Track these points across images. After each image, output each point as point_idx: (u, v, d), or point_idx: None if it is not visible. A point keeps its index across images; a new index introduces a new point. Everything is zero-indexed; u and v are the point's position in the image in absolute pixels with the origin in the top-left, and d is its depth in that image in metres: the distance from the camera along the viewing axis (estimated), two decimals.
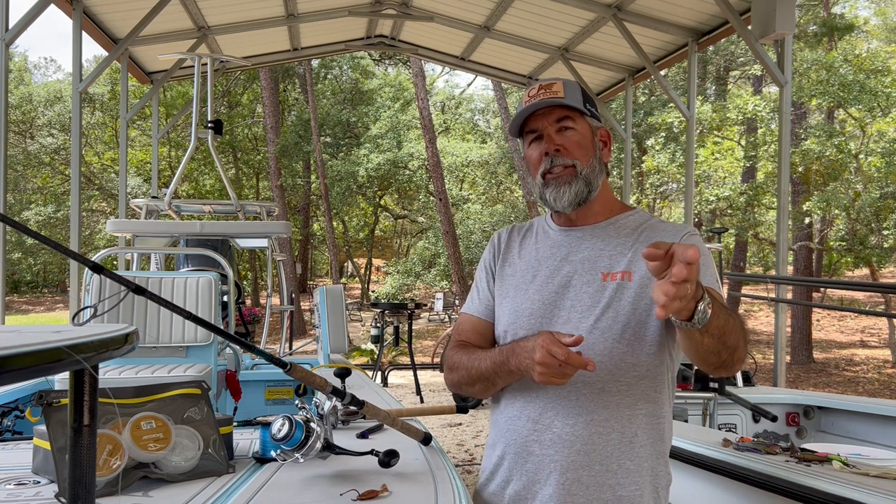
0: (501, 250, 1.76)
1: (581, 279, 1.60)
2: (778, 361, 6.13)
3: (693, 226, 1.74)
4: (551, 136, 1.62)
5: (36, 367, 0.76)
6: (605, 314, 1.55)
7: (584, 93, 1.67)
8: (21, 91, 25.23)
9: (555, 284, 1.62)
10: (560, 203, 1.62)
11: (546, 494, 1.56)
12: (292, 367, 1.49)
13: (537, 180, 1.65)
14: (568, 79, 1.68)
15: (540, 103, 1.61)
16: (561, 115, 1.62)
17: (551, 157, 1.61)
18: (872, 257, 13.04)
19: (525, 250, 1.73)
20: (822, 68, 12.41)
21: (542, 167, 1.63)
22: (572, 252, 1.65)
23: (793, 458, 2.16)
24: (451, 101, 30.30)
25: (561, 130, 1.63)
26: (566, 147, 1.62)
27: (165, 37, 8.55)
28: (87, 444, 0.91)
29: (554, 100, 1.61)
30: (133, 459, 1.56)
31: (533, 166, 1.66)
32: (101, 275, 1.25)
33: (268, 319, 6.43)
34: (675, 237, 1.60)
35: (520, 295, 1.66)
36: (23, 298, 28.59)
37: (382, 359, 11.96)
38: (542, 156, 1.63)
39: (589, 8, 7.89)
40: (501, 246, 1.77)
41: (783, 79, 6.38)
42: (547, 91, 1.62)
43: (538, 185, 1.66)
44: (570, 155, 1.61)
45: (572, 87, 1.64)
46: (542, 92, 1.62)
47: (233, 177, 24.21)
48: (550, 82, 1.64)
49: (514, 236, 1.78)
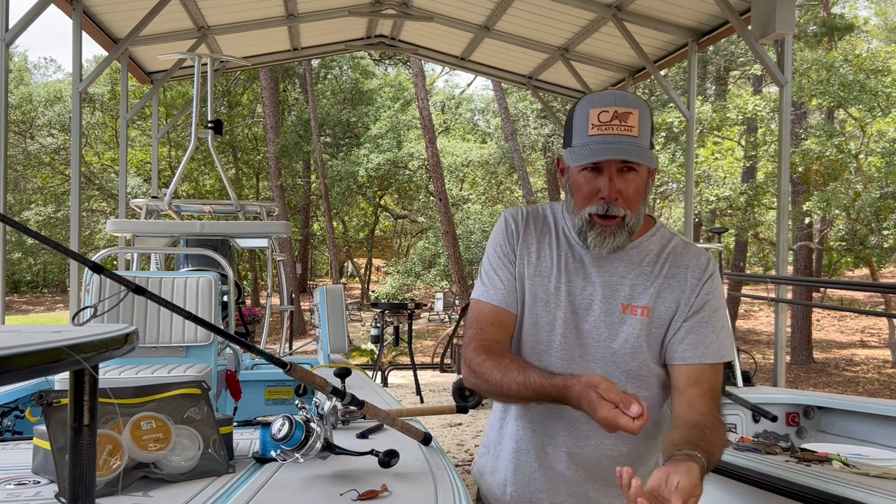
0: (520, 237, 1.64)
1: (601, 306, 1.59)
2: (778, 361, 6.13)
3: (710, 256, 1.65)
4: (613, 180, 1.48)
5: (36, 367, 0.76)
6: (623, 347, 1.57)
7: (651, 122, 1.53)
8: (21, 91, 25.24)
9: (575, 304, 1.60)
10: (598, 250, 1.55)
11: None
12: (292, 367, 1.49)
13: (581, 214, 1.54)
14: (642, 101, 1.52)
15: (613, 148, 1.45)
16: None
17: (608, 203, 1.50)
18: (872, 257, 13.05)
19: (544, 251, 1.63)
20: (822, 68, 12.42)
21: (594, 208, 1.51)
22: (595, 272, 1.60)
23: (793, 458, 2.16)
24: (451, 101, 30.31)
25: (623, 171, 1.49)
26: (623, 195, 1.50)
27: (165, 37, 8.55)
28: (87, 444, 0.91)
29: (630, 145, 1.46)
30: (133, 459, 1.56)
31: (581, 198, 1.53)
32: (101, 275, 1.25)
33: (268, 319, 6.43)
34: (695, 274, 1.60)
35: (540, 306, 1.61)
36: (23, 298, 28.60)
37: (382, 359, 11.97)
38: (595, 195, 1.50)
39: (589, 8, 7.89)
40: (519, 231, 1.64)
41: (783, 79, 6.39)
42: (622, 124, 1.46)
43: (580, 218, 1.54)
44: (625, 204, 1.50)
45: (644, 119, 1.48)
46: (616, 124, 1.46)
47: (233, 177, 24.22)
48: (626, 111, 1.46)
49: (531, 226, 1.66)
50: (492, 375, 1.52)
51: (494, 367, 1.53)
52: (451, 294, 21.11)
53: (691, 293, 1.59)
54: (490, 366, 1.53)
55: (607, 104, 1.48)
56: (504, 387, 1.51)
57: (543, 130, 21.20)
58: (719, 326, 1.59)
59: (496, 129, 26.26)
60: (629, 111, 1.47)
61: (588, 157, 1.47)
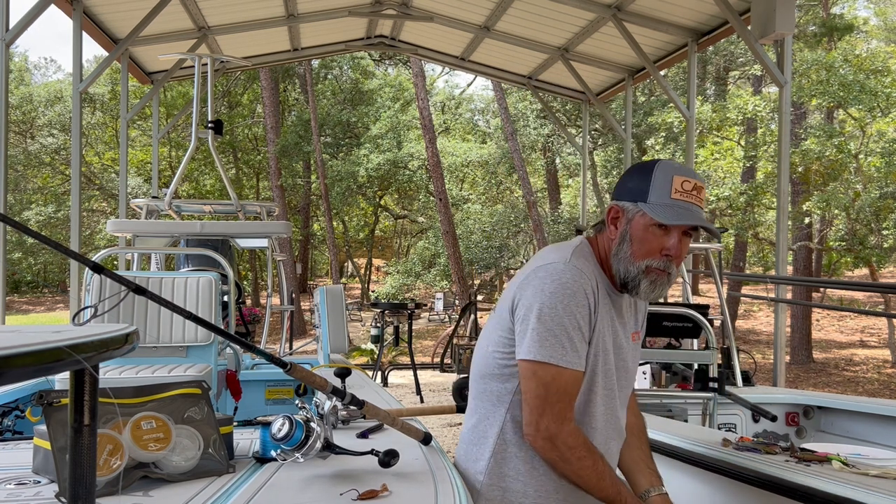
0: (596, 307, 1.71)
1: (627, 342, 1.82)
2: (777, 361, 6.13)
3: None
4: (679, 245, 1.68)
5: (36, 367, 0.76)
6: (635, 370, 1.87)
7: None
8: (21, 91, 25.24)
9: (615, 345, 1.78)
10: (647, 297, 1.73)
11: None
12: (292, 367, 1.50)
13: (639, 265, 1.68)
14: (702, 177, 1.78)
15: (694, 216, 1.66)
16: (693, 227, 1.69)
17: (669, 261, 1.68)
18: (872, 257, 13.05)
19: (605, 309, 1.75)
20: (822, 68, 12.41)
21: (655, 262, 1.67)
22: (620, 314, 1.80)
23: (792, 458, 2.16)
24: (451, 102, 30.29)
25: (684, 235, 1.70)
26: (680, 258, 1.70)
27: (165, 37, 8.55)
28: (88, 444, 0.91)
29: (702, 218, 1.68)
30: (133, 459, 1.56)
31: (645, 250, 1.67)
32: (101, 275, 1.26)
33: (268, 319, 6.43)
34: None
35: (603, 356, 1.74)
36: (23, 298, 28.60)
37: (382, 359, 11.96)
38: (659, 250, 1.67)
39: (589, 8, 7.89)
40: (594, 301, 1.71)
41: (783, 79, 6.39)
42: (698, 197, 1.68)
43: (636, 268, 1.68)
44: (677, 263, 1.71)
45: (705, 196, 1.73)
46: (695, 195, 1.67)
47: (233, 177, 24.21)
48: (702, 185, 1.69)
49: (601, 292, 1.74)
50: (586, 475, 1.67)
51: (592, 468, 1.66)
52: (451, 294, 21.11)
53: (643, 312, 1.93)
54: (588, 466, 1.66)
55: (689, 176, 1.68)
56: (592, 491, 1.68)
57: (543, 130, 21.19)
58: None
59: (496, 129, 26.24)
60: (703, 187, 1.70)
61: (679, 219, 1.65)
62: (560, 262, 1.68)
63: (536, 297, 1.65)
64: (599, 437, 1.75)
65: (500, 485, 1.75)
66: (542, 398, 1.64)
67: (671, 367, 4.41)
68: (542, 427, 1.64)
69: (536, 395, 1.64)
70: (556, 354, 1.63)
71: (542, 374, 1.63)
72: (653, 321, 4.00)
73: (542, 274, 1.67)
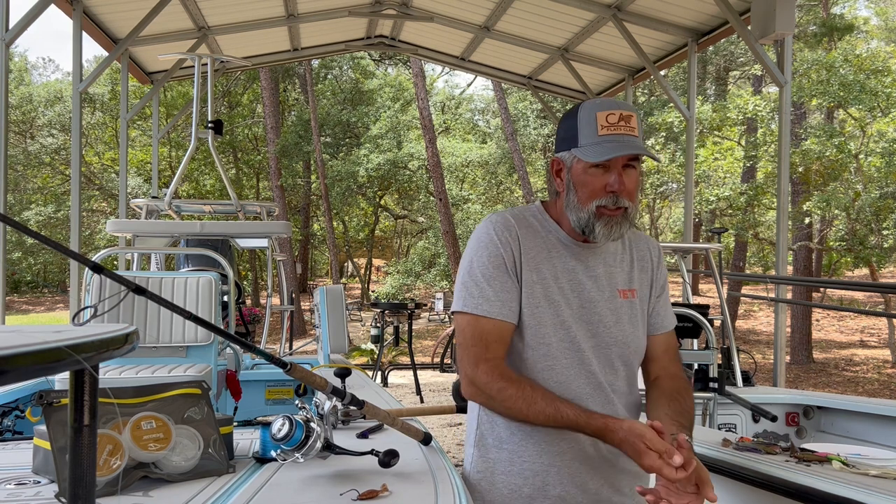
0: (516, 252, 1.68)
1: (602, 295, 1.73)
2: (777, 361, 6.13)
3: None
4: (621, 175, 1.63)
5: (36, 367, 0.76)
6: (625, 331, 1.74)
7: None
8: (21, 91, 25.23)
9: (581, 299, 1.71)
10: (603, 240, 1.67)
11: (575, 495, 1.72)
12: (292, 367, 1.50)
13: (588, 207, 1.64)
14: (630, 105, 1.68)
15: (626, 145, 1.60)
16: (632, 155, 1.63)
17: (616, 196, 1.63)
18: (872, 257, 13.05)
19: (539, 256, 1.70)
20: (822, 68, 12.41)
21: (602, 201, 1.63)
22: (589, 268, 1.73)
23: (792, 458, 2.16)
24: (451, 102, 30.28)
25: (626, 168, 1.64)
26: (627, 188, 1.64)
27: (165, 37, 8.55)
28: (88, 444, 0.91)
29: (636, 144, 1.61)
30: (133, 459, 1.56)
31: (588, 193, 1.64)
32: (101, 275, 1.26)
33: (268, 319, 6.43)
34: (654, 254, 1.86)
35: (549, 306, 1.68)
36: (23, 298, 28.59)
37: (382, 359, 11.96)
38: (604, 189, 1.63)
39: (589, 8, 7.89)
40: (516, 244, 1.69)
41: (783, 79, 6.39)
42: (626, 125, 1.61)
43: (587, 212, 1.65)
44: (628, 197, 1.64)
45: (639, 120, 1.65)
46: (622, 125, 1.61)
47: (233, 177, 24.21)
48: (629, 113, 1.62)
49: (530, 234, 1.72)
50: (515, 405, 1.60)
51: (518, 396, 1.60)
52: (451, 294, 21.10)
53: (656, 271, 1.84)
54: (512, 394, 1.60)
55: (612, 108, 1.62)
56: (529, 418, 1.60)
57: (543, 130, 21.19)
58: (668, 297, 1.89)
59: (496, 130, 26.25)
60: (631, 114, 1.63)
61: (607, 154, 1.59)
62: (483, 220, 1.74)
63: (463, 255, 1.73)
64: (563, 390, 1.66)
65: (487, 456, 1.76)
66: (462, 347, 1.68)
67: None
68: (464, 374, 1.67)
69: (459, 345, 1.69)
70: (469, 303, 1.66)
71: (459, 323, 1.70)
72: None
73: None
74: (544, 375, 1.68)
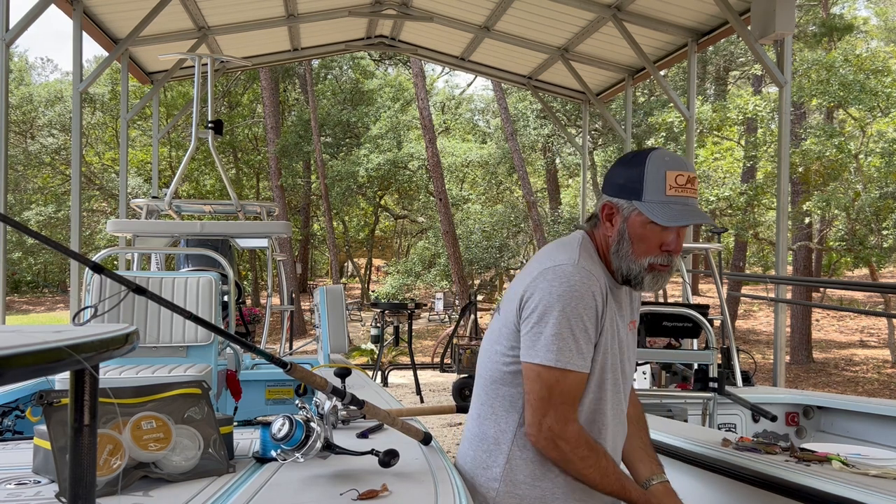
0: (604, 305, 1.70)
1: (628, 333, 1.83)
2: (777, 361, 6.13)
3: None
4: (678, 240, 1.69)
5: (36, 367, 0.76)
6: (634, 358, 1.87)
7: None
8: (21, 91, 25.23)
9: (618, 338, 1.77)
10: (649, 290, 1.76)
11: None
12: (292, 367, 1.50)
13: (641, 262, 1.69)
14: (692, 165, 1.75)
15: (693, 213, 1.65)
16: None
17: (671, 255, 1.70)
18: (872, 257, 13.05)
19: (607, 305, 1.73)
20: (822, 68, 12.41)
21: (657, 259, 1.69)
22: (621, 307, 1.80)
23: (792, 458, 2.16)
24: (451, 102, 30.28)
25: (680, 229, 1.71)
26: (679, 251, 1.72)
27: (166, 37, 8.55)
28: (88, 444, 0.91)
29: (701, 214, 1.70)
30: (133, 459, 1.56)
31: (644, 249, 1.68)
32: (101, 275, 1.26)
33: (268, 319, 6.42)
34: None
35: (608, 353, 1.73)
36: (23, 298, 28.59)
37: (382, 359, 11.96)
38: (658, 247, 1.68)
39: (589, 8, 7.89)
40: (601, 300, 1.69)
41: (783, 79, 6.39)
42: (691, 189, 1.66)
43: (638, 266, 1.69)
44: (677, 255, 1.73)
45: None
46: (689, 188, 1.65)
47: (233, 177, 24.21)
48: (694, 176, 1.67)
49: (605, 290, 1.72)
50: (591, 473, 1.67)
51: (596, 466, 1.67)
52: (451, 294, 21.10)
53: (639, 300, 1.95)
54: (592, 464, 1.67)
55: (681, 169, 1.65)
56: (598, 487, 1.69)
57: (543, 130, 21.18)
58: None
59: (496, 130, 26.24)
60: (695, 177, 1.68)
61: (678, 220, 1.64)
62: (569, 263, 1.65)
63: (545, 298, 1.63)
64: (609, 434, 1.76)
65: (515, 492, 1.72)
66: (545, 400, 1.63)
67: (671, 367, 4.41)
68: (545, 427, 1.64)
69: (540, 396, 1.64)
70: (563, 358, 1.62)
71: (546, 377, 1.63)
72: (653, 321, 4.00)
73: (550, 276, 1.64)
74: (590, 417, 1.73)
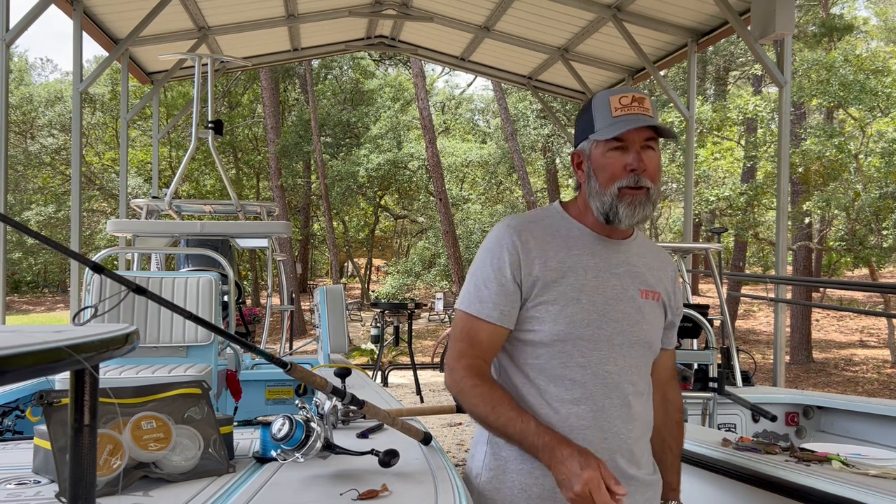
0: (528, 251, 1.66)
1: (626, 293, 1.70)
2: (777, 361, 6.13)
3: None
4: (640, 153, 1.63)
5: (36, 367, 0.76)
6: (649, 328, 1.72)
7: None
8: (21, 91, 25.23)
9: (605, 295, 1.67)
10: (627, 221, 1.65)
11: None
12: (292, 367, 1.50)
13: (610, 190, 1.63)
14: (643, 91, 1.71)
15: (641, 120, 1.61)
16: (650, 135, 1.63)
17: (637, 175, 1.62)
18: (872, 257, 13.05)
19: (561, 251, 1.68)
20: (822, 68, 12.42)
21: (624, 181, 1.62)
22: (614, 264, 1.71)
23: (792, 458, 2.16)
24: (451, 102, 30.29)
25: (645, 149, 1.64)
26: (648, 169, 1.63)
27: (166, 37, 8.55)
28: (88, 444, 0.91)
29: (651, 120, 1.63)
30: (133, 459, 1.56)
31: (608, 176, 1.64)
32: (101, 275, 1.26)
33: (268, 319, 6.42)
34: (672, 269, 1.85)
35: (571, 302, 1.65)
36: (23, 298, 28.59)
37: (382, 359, 11.96)
38: (625, 169, 1.62)
39: (589, 8, 7.89)
40: (526, 245, 1.67)
41: (783, 79, 6.39)
42: (640, 106, 1.63)
43: (609, 194, 1.64)
44: (649, 177, 1.64)
45: (654, 107, 1.67)
46: (636, 105, 1.63)
47: (233, 177, 24.21)
48: (641, 96, 1.64)
49: (540, 233, 1.70)
50: (481, 403, 1.61)
51: (486, 395, 1.61)
52: (452, 294, 21.10)
53: (673, 287, 1.83)
54: (482, 392, 1.61)
55: (624, 92, 1.65)
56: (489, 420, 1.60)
57: (543, 130, 21.18)
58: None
59: (496, 129, 26.24)
60: (643, 97, 1.65)
61: (623, 127, 1.60)
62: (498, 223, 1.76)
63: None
64: (582, 390, 1.63)
65: (499, 475, 1.70)
66: (452, 339, 1.71)
67: None
68: (447, 363, 1.70)
69: (450, 338, 1.73)
70: (464, 303, 1.69)
71: (455, 320, 1.73)
72: None
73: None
74: (559, 372, 1.64)
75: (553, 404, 1.64)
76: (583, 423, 1.63)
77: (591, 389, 1.64)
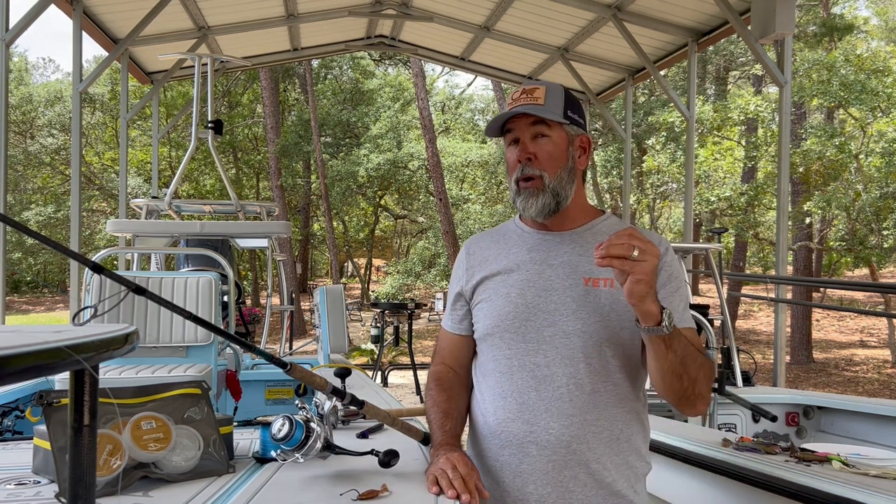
0: (472, 260, 1.79)
1: (563, 283, 1.65)
2: (777, 361, 6.13)
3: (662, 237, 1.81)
4: (525, 143, 1.65)
5: (36, 367, 0.76)
6: (591, 318, 1.61)
7: (568, 98, 1.69)
8: (21, 91, 25.23)
9: (537, 287, 1.66)
10: (528, 212, 1.68)
11: (543, 493, 1.60)
12: (292, 367, 1.50)
13: (513, 186, 1.70)
14: (555, 83, 1.71)
15: (516, 110, 1.64)
16: (537, 121, 1.64)
17: (523, 165, 1.65)
18: (872, 257, 13.05)
19: (500, 253, 1.75)
20: (822, 68, 12.41)
21: (516, 174, 1.67)
22: (551, 256, 1.69)
23: (792, 458, 2.16)
24: (451, 102, 30.29)
25: (536, 137, 1.65)
26: (537, 157, 1.64)
27: (165, 37, 8.56)
28: (88, 444, 0.91)
29: (529, 107, 1.62)
30: (133, 459, 1.56)
31: (510, 169, 1.70)
32: (101, 275, 1.26)
33: (268, 319, 6.42)
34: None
35: (500, 298, 1.69)
36: (23, 298, 28.58)
37: (382, 359, 11.96)
38: (518, 162, 1.66)
39: (589, 8, 7.89)
40: (471, 256, 1.80)
41: (783, 79, 6.39)
42: (528, 96, 1.64)
43: (513, 191, 1.70)
44: (540, 165, 1.64)
45: (555, 93, 1.66)
46: (524, 97, 1.64)
47: (233, 177, 24.20)
48: (533, 87, 1.66)
49: (485, 242, 1.81)
50: (427, 407, 1.77)
51: (430, 397, 1.76)
52: None
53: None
54: (429, 396, 1.77)
55: (527, 85, 1.67)
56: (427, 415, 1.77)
57: None
58: (685, 300, 1.68)
59: None
60: (536, 87, 1.66)
61: (496, 122, 1.67)
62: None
63: None
64: (509, 383, 1.63)
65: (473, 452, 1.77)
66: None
67: None
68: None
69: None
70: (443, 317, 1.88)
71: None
72: None
73: None
74: (491, 367, 1.69)
75: (486, 398, 1.70)
76: (508, 417, 1.64)
77: (517, 382, 1.63)
